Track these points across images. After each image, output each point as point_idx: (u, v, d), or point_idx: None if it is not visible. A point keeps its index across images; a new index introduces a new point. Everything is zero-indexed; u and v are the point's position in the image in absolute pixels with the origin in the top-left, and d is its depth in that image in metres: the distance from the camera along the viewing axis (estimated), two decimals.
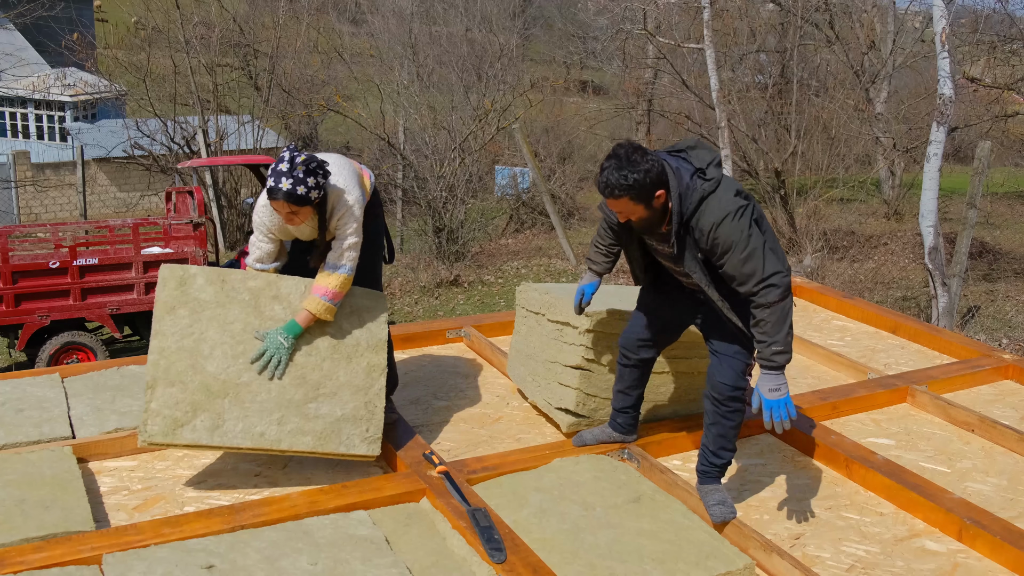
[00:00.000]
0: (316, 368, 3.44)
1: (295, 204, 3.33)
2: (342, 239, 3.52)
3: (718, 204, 3.01)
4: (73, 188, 18.48)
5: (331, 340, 3.51)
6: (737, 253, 2.99)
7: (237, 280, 3.50)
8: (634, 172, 2.95)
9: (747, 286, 3.02)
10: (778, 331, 3.02)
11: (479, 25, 22.70)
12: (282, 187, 3.31)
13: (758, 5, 18.43)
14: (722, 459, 3.34)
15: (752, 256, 2.99)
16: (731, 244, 2.99)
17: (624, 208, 3.05)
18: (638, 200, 3.00)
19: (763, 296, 3.01)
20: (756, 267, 3.00)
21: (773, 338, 3.02)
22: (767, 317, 3.02)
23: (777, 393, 3.06)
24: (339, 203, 3.50)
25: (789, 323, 3.04)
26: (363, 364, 3.52)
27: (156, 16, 18.03)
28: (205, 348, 3.34)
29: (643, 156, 2.99)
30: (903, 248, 14.83)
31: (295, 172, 3.31)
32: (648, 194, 2.99)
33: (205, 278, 3.47)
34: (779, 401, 3.06)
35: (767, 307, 3.01)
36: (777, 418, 3.07)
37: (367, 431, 3.41)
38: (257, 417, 3.29)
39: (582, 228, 17.15)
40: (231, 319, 3.41)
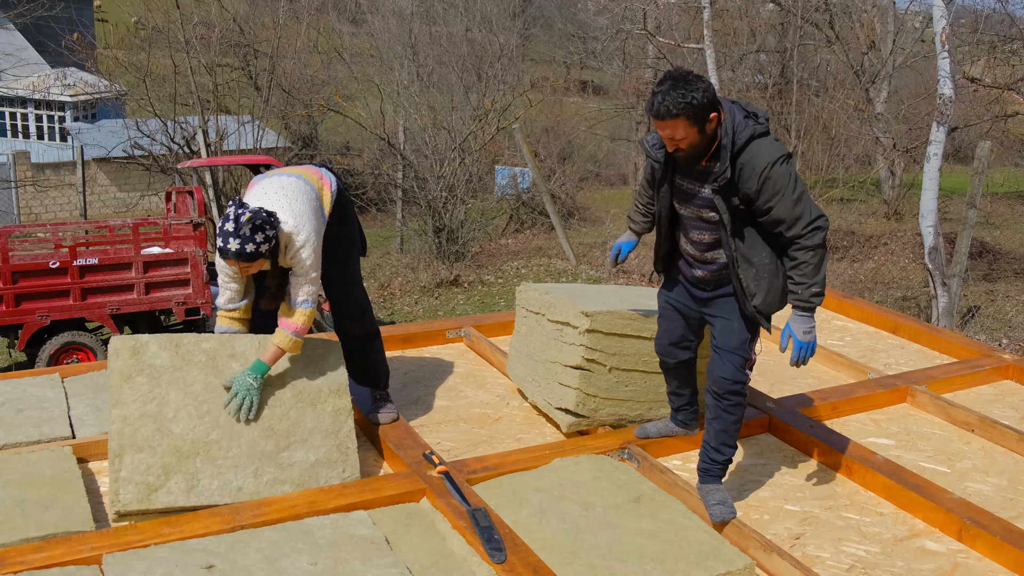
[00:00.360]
0: (283, 418, 3.46)
1: (246, 262, 3.36)
2: (299, 275, 3.55)
3: (771, 146, 3.07)
4: (73, 188, 18.48)
5: (293, 390, 3.53)
6: (789, 195, 3.05)
7: (191, 343, 3.53)
8: (692, 91, 2.95)
9: (796, 228, 3.07)
10: (817, 272, 3.12)
11: (479, 25, 22.70)
12: (231, 248, 3.33)
13: (758, 5, 18.43)
14: (724, 455, 3.35)
15: (802, 199, 3.07)
16: (782, 186, 3.04)
17: (677, 132, 3.00)
18: (694, 121, 2.98)
19: (809, 238, 3.08)
20: (805, 209, 3.06)
21: (813, 279, 3.12)
22: (810, 259, 3.10)
23: (808, 336, 3.18)
24: (290, 243, 3.50)
25: (825, 267, 3.15)
26: (328, 409, 3.54)
27: (156, 16, 18.01)
28: (169, 412, 3.32)
29: (697, 77, 3.01)
30: (903, 248, 14.83)
31: (241, 231, 3.31)
32: (704, 115, 2.98)
33: (158, 345, 3.48)
34: (808, 343, 3.18)
35: (812, 249, 3.09)
36: (803, 356, 3.19)
37: (343, 472, 3.41)
38: (232, 473, 3.26)
39: (582, 228, 17.15)
40: (190, 381, 3.41)
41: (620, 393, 3.85)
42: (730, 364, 3.28)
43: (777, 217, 3.07)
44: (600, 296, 4.10)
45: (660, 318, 3.59)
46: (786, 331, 3.22)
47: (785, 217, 3.06)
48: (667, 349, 3.57)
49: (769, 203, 3.06)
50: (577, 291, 4.20)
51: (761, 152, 3.03)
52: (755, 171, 3.03)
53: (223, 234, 3.35)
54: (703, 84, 2.98)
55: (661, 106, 2.97)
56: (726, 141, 3.04)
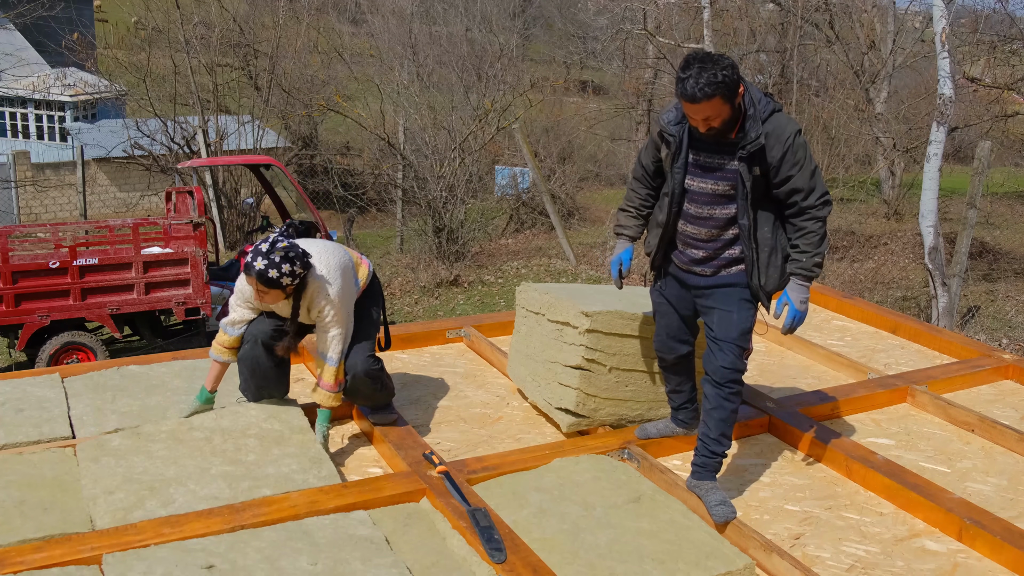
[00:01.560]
0: (250, 452, 3.54)
1: (264, 285, 3.43)
2: (324, 330, 3.64)
3: (789, 120, 3.22)
4: (73, 188, 18.48)
5: (258, 437, 3.62)
6: (808, 166, 3.18)
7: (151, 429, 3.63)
8: (721, 69, 3.03)
9: (811, 198, 3.20)
10: (822, 243, 3.25)
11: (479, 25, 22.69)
12: (255, 265, 3.43)
13: (758, 5, 18.43)
14: (722, 447, 3.37)
15: (817, 172, 3.22)
16: (802, 157, 3.17)
17: (712, 111, 3.07)
18: (727, 98, 3.07)
19: (820, 210, 3.22)
20: (819, 182, 3.22)
21: (817, 249, 3.24)
22: (817, 230, 3.23)
23: (804, 305, 3.30)
24: (319, 294, 3.58)
25: (827, 239, 3.29)
26: (294, 441, 3.62)
27: (156, 16, 18.01)
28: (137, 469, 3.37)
29: (720, 55, 3.10)
30: (903, 248, 14.82)
31: (272, 255, 3.41)
32: (735, 90, 3.08)
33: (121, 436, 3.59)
34: (802, 312, 3.30)
35: (820, 220, 3.23)
36: (795, 324, 3.32)
37: (320, 472, 3.43)
38: (207, 491, 3.28)
39: (582, 228, 17.15)
40: (154, 450, 3.50)
41: (620, 393, 3.85)
42: (729, 353, 3.31)
43: (796, 186, 3.20)
44: (600, 296, 4.10)
45: (655, 315, 3.61)
46: (783, 299, 3.31)
47: (803, 186, 3.19)
48: (665, 344, 3.57)
49: (790, 172, 3.19)
50: (577, 291, 4.20)
51: (783, 123, 3.19)
52: (779, 140, 3.16)
53: (255, 252, 3.45)
54: (727, 60, 3.08)
55: (696, 89, 3.02)
56: (753, 112, 3.16)
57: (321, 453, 3.56)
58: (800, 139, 3.18)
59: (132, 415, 3.86)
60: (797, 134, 3.17)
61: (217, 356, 3.76)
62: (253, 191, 15.67)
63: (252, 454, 3.51)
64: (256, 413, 3.78)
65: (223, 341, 3.75)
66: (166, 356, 4.56)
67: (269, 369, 3.78)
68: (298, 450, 3.56)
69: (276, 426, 3.71)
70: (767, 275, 3.29)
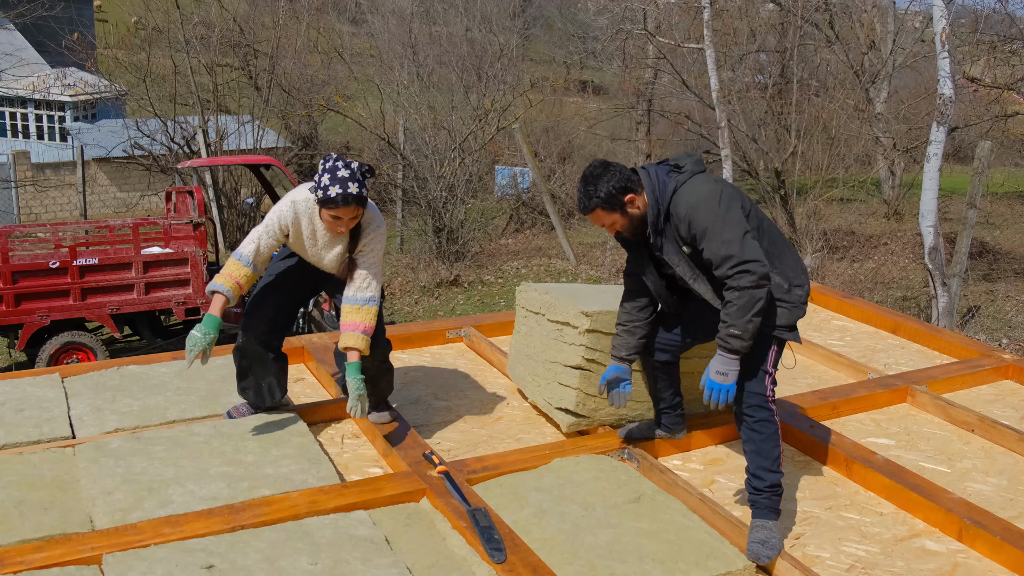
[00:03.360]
0: (249, 453, 3.54)
1: (361, 206, 3.40)
2: (368, 265, 3.57)
3: (692, 189, 3.10)
4: (73, 188, 18.48)
5: (256, 440, 3.64)
6: (712, 234, 3.04)
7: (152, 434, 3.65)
8: (596, 184, 3.11)
9: (722, 269, 3.04)
10: (741, 316, 3.03)
11: (479, 25, 22.67)
12: (351, 191, 3.36)
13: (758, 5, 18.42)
14: (764, 481, 3.17)
15: (730, 241, 3.02)
16: (706, 226, 3.05)
17: (603, 220, 3.18)
18: (610, 208, 3.14)
19: (736, 280, 3.02)
20: (733, 251, 3.01)
21: (734, 320, 3.04)
22: (735, 300, 3.03)
23: (723, 378, 3.10)
24: (372, 221, 3.55)
25: (754, 313, 3.03)
26: (293, 443, 3.62)
27: (156, 16, 18.01)
28: (136, 469, 3.38)
29: (605, 169, 3.13)
30: (903, 248, 14.83)
31: (357, 176, 3.38)
32: (617, 200, 3.12)
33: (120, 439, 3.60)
34: (721, 386, 3.10)
35: (737, 290, 3.02)
36: (715, 399, 3.12)
37: (319, 473, 3.44)
38: (207, 491, 3.28)
39: (582, 228, 17.14)
40: (153, 453, 3.51)
41: None
42: (752, 377, 3.20)
43: (707, 256, 3.08)
44: (600, 296, 4.10)
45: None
46: (707, 368, 3.16)
47: (712, 257, 3.07)
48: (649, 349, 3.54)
49: (700, 244, 3.09)
50: (577, 291, 4.20)
51: (682, 198, 3.11)
52: (680, 218, 3.11)
53: (339, 181, 3.36)
54: (608, 175, 3.10)
55: (579, 206, 3.19)
56: (652, 203, 3.13)
57: (320, 454, 3.56)
58: (704, 208, 3.04)
59: (132, 415, 3.86)
60: (699, 203, 3.05)
61: (220, 286, 3.49)
62: (253, 191, 15.66)
63: (251, 455, 3.51)
64: (255, 420, 3.80)
65: (236, 273, 3.51)
66: (166, 356, 4.56)
67: (270, 363, 3.78)
68: (297, 451, 3.56)
69: (275, 429, 3.72)
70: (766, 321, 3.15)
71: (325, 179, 3.40)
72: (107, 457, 3.45)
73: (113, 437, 3.63)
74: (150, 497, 3.21)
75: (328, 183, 3.38)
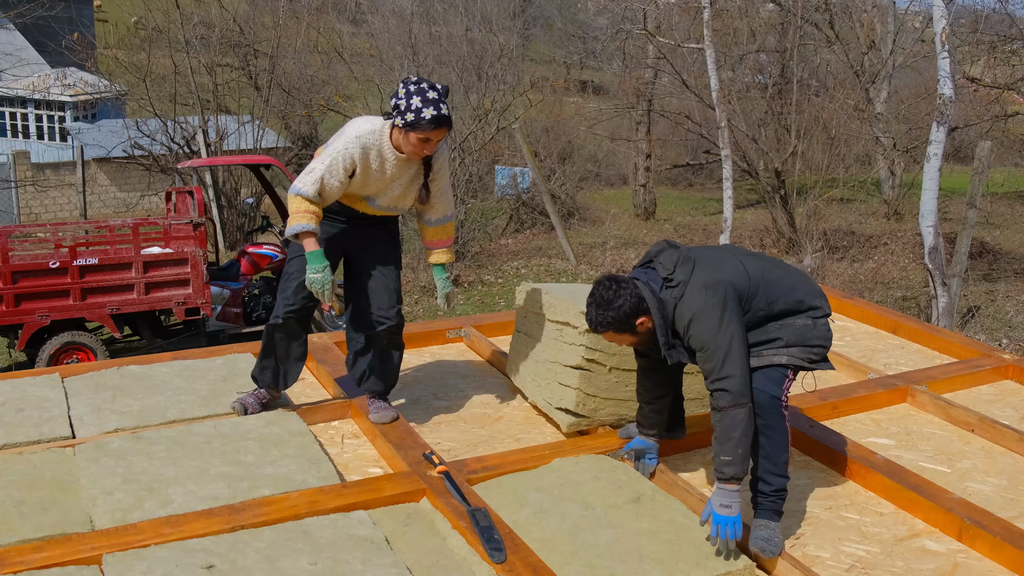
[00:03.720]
0: (249, 453, 3.53)
1: (450, 128, 3.48)
2: (444, 188, 3.71)
3: (687, 307, 3.09)
4: (73, 188, 18.48)
5: (257, 441, 3.62)
6: (701, 351, 3.07)
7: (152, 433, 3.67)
8: (609, 311, 3.11)
9: (708, 380, 3.06)
10: (727, 441, 2.99)
11: (479, 25, 22.66)
12: (444, 112, 3.40)
13: (758, 5, 18.42)
14: (771, 485, 3.12)
15: (713, 355, 3.02)
16: (700, 342, 3.07)
17: (614, 339, 3.22)
18: (621, 331, 3.16)
19: (714, 399, 3.03)
20: (714, 366, 3.02)
21: (723, 446, 3.00)
22: (717, 422, 3.02)
23: (728, 510, 2.98)
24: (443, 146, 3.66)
25: (740, 435, 2.98)
26: (294, 443, 3.61)
27: (156, 16, 18.02)
28: (136, 469, 3.38)
29: (616, 292, 3.11)
30: (903, 248, 14.83)
31: (444, 97, 3.44)
32: (628, 324, 3.13)
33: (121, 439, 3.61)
34: (728, 519, 2.98)
35: (717, 411, 3.02)
36: (723, 535, 2.97)
37: (319, 473, 3.43)
38: (207, 491, 3.28)
39: (582, 228, 17.16)
40: (154, 452, 3.50)
41: (620, 393, 3.84)
42: (764, 377, 3.15)
43: (701, 367, 3.10)
44: None
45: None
46: (708, 502, 3.07)
47: (704, 368, 3.07)
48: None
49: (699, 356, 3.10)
50: (577, 291, 4.20)
51: (680, 317, 3.11)
52: (682, 335, 3.13)
53: (432, 103, 3.38)
54: (620, 299, 3.10)
55: (589, 322, 3.19)
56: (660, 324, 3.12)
57: (320, 454, 3.56)
58: (697, 324, 3.04)
59: (132, 415, 3.86)
60: (692, 321, 3.05)
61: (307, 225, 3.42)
62: (253, 191, 15.66)
63: (251, 455, 3.51)
64: (255, 420, 3.80)
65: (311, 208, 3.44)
66: (166, 356, 4.56)
67: (298, 346, 3.82)
68: (297, 451, 3.56)
69: (275, 430, 3.72)
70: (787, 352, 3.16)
71: (415, 101, 3.37)
72: (107, 457, 3.45)
73: (113, 437, 3.63)
74: (150, 497, 3.21)
75: (420, 105, 3.36)
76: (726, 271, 3.14)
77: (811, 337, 3.19)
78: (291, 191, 3.49)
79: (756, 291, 3.14)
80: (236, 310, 9.41)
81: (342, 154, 3.48)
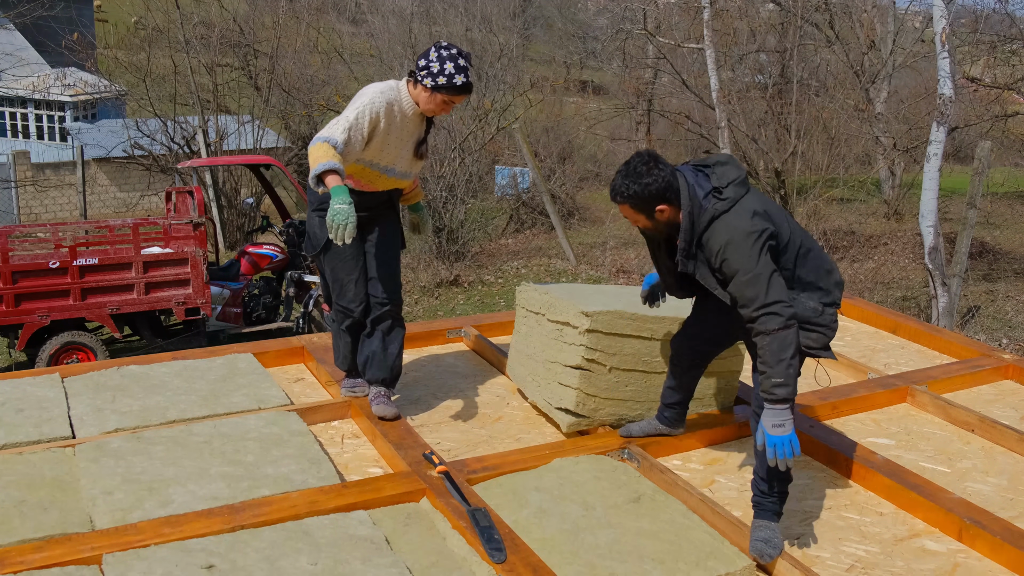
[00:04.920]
0: (249, 453, 3.53)
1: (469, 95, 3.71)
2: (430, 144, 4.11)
3: (727, 226, 2.98)
4: (73, 188, 18.48)
5: (257, 441, 3.62)
6: (742, 275, 2.94)
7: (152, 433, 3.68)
8: (635, 184, 3.02)
9: (748, 310, 2.96)
10: (778, 362, 2.92)
11: (479, 25, 22.68)
12: (472, 79, 3.65)
13: (758, 5, 18.43)
14: (771, 487, 3.11)
15: (757, 280, 2.93)
16: (737, 267, 2.95)
17: (627, 215, 3.13)
18: (638, 210, 3.08)
19: (762, 323, 2.93)
20: (759, 292, 2.92)
21: (773, 368, 2.92)
22: (766, 345, 2.93)
23: (781, 429, 2.93)
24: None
25: (791, 356, 2.92)
26: (294, 443, 3.61)
27: (156, 16, 18.02)
28: (136, 469, 3.37)
29: (650, 169, 3.02)
30: (903, 248, 14.83)
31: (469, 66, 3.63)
32: (648, 206, 3.05)
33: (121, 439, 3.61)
34: (783, 438, 2.93)
35: (766, 334, 2.93)
36: (780, 455, 2.93)
37: (319, 473, 3.43)
38: (207, 491, 3.27)
39: (582, 228, 17.15)
40: (154, 453, 3.51)
41: (620, 393, 3.85)
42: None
43: (733, 295, 3.00)
44: (600, 296, 4.10)
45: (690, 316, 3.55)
46: (759, 426, 3.02)
47: (738, 296, 2.97)
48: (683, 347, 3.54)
49: (728, 282, 3.01)
50: (577, 291, 4.20)
51: (717, 233, 3.00)
52: (712, 252, 3.01)
53: (462, 70, 3.59)
54: (650, 177, 3.00)
55: (610, 191, 3.11)
56: (687, 227, 3.03)
57: (320, 454, 3.56)
58: (736, 247, 2.95)
59: (132, 415, 3.86)
60: (731, 242, 2.95)
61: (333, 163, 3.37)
62: (253, 191, 15.66)
63: (251, 455, 3.51)
64: (255, 421, 3.80)
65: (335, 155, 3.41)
66: (166, 356, 4.55)
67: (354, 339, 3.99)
68: (297, 451, 3.56)
69: (275, 430, 3.72)
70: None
71: (449, 66, 3.55)
72: (107, 457, 3.45)
73: (113, 437, 3.63)
74: (150, 497, 3.21)
75: (453, 70, 3.55)
76: (774, 212, 3.10)
77: (816, 322, 3.14)
78: (315, 140, 3.45)
79: (787, 250, 3.09)
80: (236, 310, 9.41)
81: (368, 107, 3.55)
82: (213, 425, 3.74)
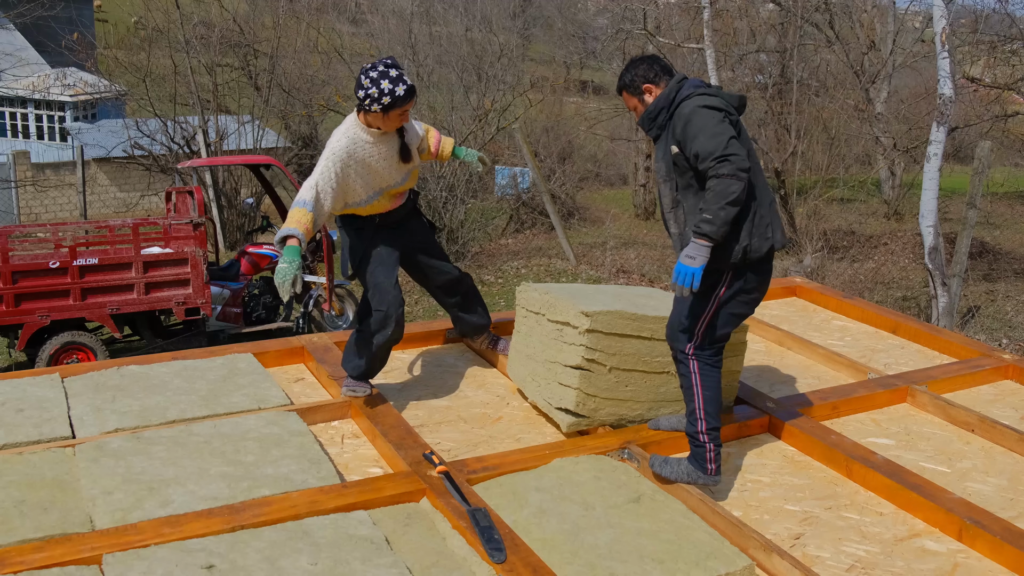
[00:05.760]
0: (249, 453, 3.54)
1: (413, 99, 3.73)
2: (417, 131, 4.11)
3: (702, 99, 3.29)
4: (73, 188, 18.48)
5: (257, 441, 3.63)
6: (707, 133, 3.19)
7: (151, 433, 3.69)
8: (630, 71, 3.47)
9: (707, 162, 3.19)
10: (716, 202, 3.15)
11: (479, 25, 22.68)
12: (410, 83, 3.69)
13: (758, 5, 18.43)
14: (693, 427, 3.40)
15: (717, 136, 3.18)
16: (701, 127, 3.21)
17: (627, 103, 3.51)
18: (632, 92, 3.47)
19: (715, 169, 3.17)
20: (718, 145, 3.17)
21: (709, 206, 3.17)
22: (712, 187, 3.17)
23: (692, 261, 3.19)
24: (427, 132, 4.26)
25: (728, 201, 3.15)
26: (294, 443, 3.62)
27: (156, 16, 18.00)
28: (136, 469, 3.38)
29: (642, 60, 3.47)
30: (903, 248, 14.84)
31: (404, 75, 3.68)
32: (636, 87, 3.45)
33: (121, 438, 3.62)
34: (690, 269, 3.19)
35: (716, 177, 3.17)
36: (680, 282, 3.20)
37: (319, 473, 3.43)
38: (207, 491, 3.27)
39: (582, 228, 17.15)
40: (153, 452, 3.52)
41: (620, 393, 3.85)
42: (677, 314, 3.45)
43: (695, 152, 3.22)
44: (600, 296, 4.10)
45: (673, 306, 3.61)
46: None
47: (700, 151, 3.20)
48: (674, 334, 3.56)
49: (692, 143, 3.23)
50: (577, 291, 4.20)
51: (690, 103, 3.29)
52: (680, 116, 3.30)
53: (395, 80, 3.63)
54: (643, 66, 3.44)
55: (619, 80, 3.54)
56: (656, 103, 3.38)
57: (320, 454, 3.56)
58: (700, 111, 3.23)
59: (132, 415, 3.86)
60: (697, 109, 3.25)
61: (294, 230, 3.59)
62: (253, 191, 15.66)
63: (251, 455, 3.51)
64: (255, 421, 3.80)
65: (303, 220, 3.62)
66: (166, 356, 4.55)
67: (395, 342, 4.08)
68: (297, 451, 3.56)
69: (275, 430, 3.72)
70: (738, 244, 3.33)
71: (385, 84, 3.62)
72: (107, 457, 3.45)
73: (113, 437, 3.63)
74: (150, 497, 3.21)
75: (390, 86, 3.62)
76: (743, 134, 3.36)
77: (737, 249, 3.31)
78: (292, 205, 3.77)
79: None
80: (236, 310, 9.41)
81: (330, 160, 3.79)
82: (213, 425, 3.74)
